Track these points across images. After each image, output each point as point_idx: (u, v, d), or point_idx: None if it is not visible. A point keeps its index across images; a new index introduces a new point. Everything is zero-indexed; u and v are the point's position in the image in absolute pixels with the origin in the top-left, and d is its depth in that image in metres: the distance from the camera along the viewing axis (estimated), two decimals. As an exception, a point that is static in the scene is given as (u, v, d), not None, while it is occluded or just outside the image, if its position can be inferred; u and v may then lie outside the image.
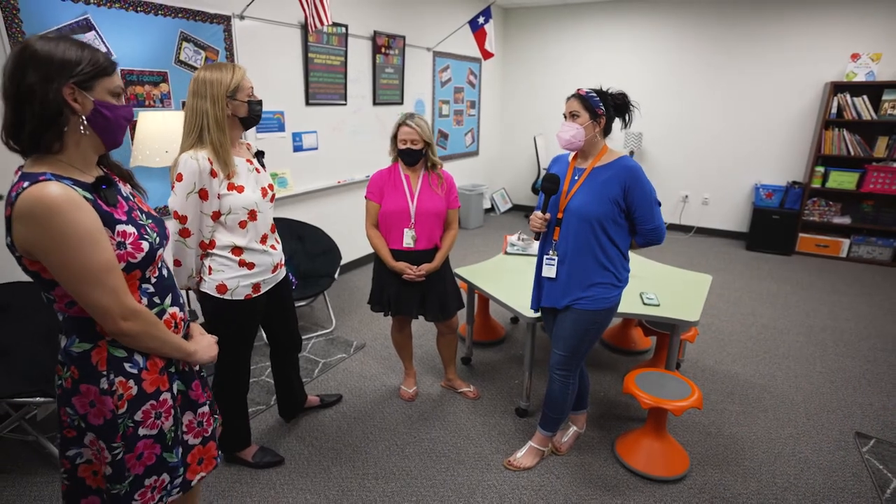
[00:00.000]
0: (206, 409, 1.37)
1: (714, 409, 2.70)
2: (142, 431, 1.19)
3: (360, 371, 3.03)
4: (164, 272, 1.27)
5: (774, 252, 5.50)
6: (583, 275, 1.98)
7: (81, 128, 1.06)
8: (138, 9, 2.73)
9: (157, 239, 1.20)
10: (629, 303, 2.48)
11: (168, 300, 1.25)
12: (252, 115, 1.82)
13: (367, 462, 2.28)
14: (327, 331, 3.51)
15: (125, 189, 1.22)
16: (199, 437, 1.35)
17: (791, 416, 2.64)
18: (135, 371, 1.17)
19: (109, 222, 1.09)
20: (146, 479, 1.21)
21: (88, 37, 2.56)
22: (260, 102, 1.85)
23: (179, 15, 2.93)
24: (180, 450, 1.29)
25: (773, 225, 5.44)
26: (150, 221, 1.22)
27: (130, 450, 1.18)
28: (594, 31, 6.26)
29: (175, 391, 1.27)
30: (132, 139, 2.65)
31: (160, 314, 1.22)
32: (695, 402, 2.12)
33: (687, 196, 6.20)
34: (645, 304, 2.51)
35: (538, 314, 2.31)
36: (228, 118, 1.76)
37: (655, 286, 2.75)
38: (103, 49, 2.59)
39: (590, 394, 2.47)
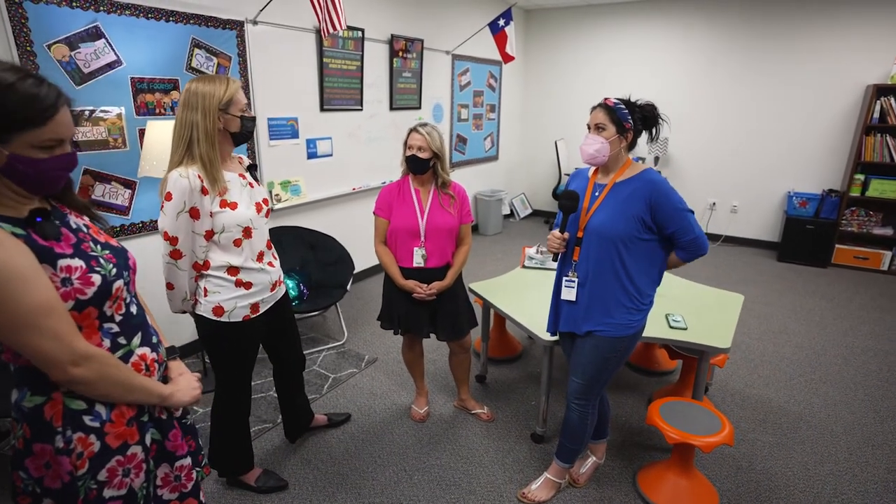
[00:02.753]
0: (186, 461, 1.23)
1: (745, 439, 2.52)
2: (107, 493, 1.05)
3: (370, 388, 2.93)
4: (133, 309, 1.14)
5: (808, 263, 5.23)
6: (605, 298, 1.83)
7: None
8: (149, 15, 2.68)
9: (114, 270, 1.06)
10: (654, 325, 2.32)
11: (136, 340, 1.12)
12: (244, 131, 1.73)
13: (373, 489, 2.17)
14: (338, 343, 3.42)
15: (77, 221, 1.08)
16: (175, 491, 1.22)
17: (831, 451, 2.45)
18: (96, 424, 1.03)
19: (49, 257, 0.96)
20: None
21: (98, 45, 2.51)
22: (253, 119, 1.76)
23: (191, 21, 2.87)
24: None
25: (808, 235, 5.18)
26: (107, 252, 1.08)
27: None
28: (618, 32, 6.07)
29: (148, 442, 1.14)
30: (140, 147, 2.61)
31: (126, 356, 1.09)
32: (725, 438, 1.96)
33: (714, 203, 5.96)
34: (671, 327, 2.35)
35: (555, 337, 2.17)
36: (219, 132, 1.67)
37: (682, 307, 2.59)
38: (111, 56, 2.56)
39: (610, 422, 2.33)
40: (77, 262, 1.00)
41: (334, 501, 2.10)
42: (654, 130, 1.84)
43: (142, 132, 2.68)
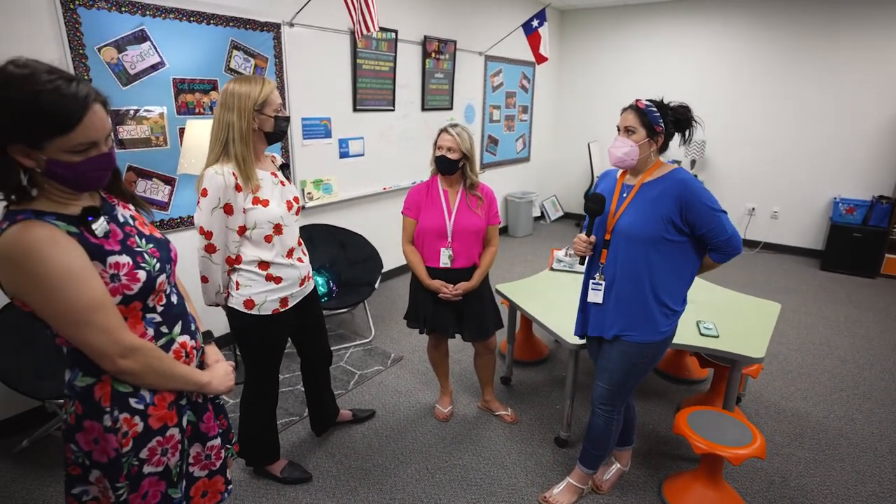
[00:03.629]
0: (216, 441, 1.29)
1: (779, 453, 2.42)
2: (147, 469, 1.13)
3: (395, 385, 2.96)
4: (174, 299, 1.19)
5: (855, 273, 4.99)
6: (632, 301, 1.80)
7: (34, 192, 0.98)
8: (191, 18, 2.79)
9: (158, 265, 1.12)
10: (684, 332, 2.27)
11: (177, 329, 1.18)
12: (278, 131, 1.78)
13: (395, 486, 2.19)
14: (366, 340, 3.47)
15: (125, 212, 1.14)
16: (205, 469, 1.29)
17: (874, 470, 2.33)
18: (141, 406, 1.10)
19: (99, 255, 1.01)
20: None
21: (144, 47, 2.63)
22: (287, 119, 1.81)
23: (231, 24, 2.97)
24: (184, 483, 1.23)
25: (854, 243, 4.94)
26: (151, 246, 1.13)
27: (135, 489, 1.12)
28: (656, 32, 5.94)
29: (185, 424, 1.20)
30: (180, 145, 2.71)
31: (168, 344, 1.15)
32: (756, 450, 1.89)
33: (753, 209, 5.76)
34: (702, 334, 2.28)
35: (582, 341, 2.14)
36: (254, 132, 1.73)
37: (714, 314, 2.51)
38: (156, 58, 2.67)
39: (636, 429, 2.28)
40: (125, 259, 1.05)
41: (356, 495, 2.14)
42: (686, 133, 1.79)
43: (182, 131, 2.78)
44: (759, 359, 2.13)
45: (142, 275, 1.07)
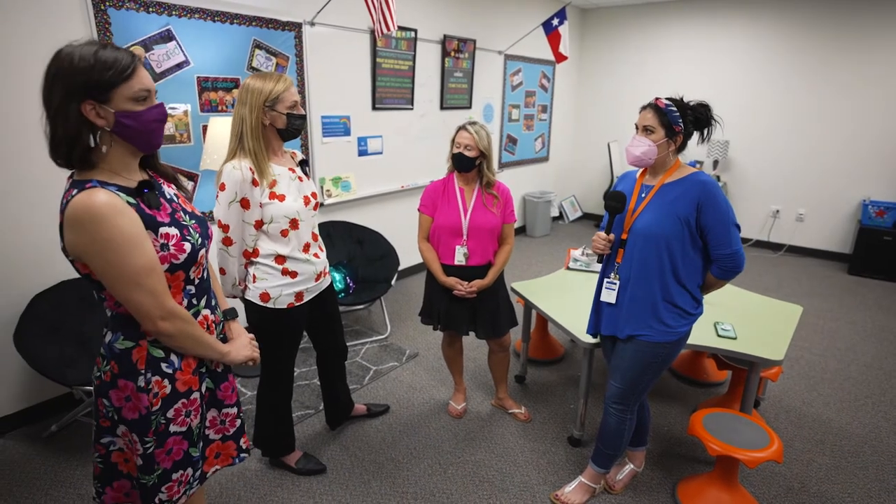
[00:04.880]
0: (232, 409, 1.40)
1: (799, 459, 2.38)
2: (172, 428, 1.23)
3: (410, 381, 2.99)
4: (205, 274, 1.30)
5: (884, 278, 4.85)
6: (647, 301, 1.79)
7: (104, 149, 1.09)
8: (215, 18, 2.85)
9: (200, 239, 1.23)
10: (701, 333, 2.24)
11: (203, 302, 1.29)
12: (290, 129, 1.80)
13: (407, 480, 2.21)
14: (381, 337, 3.50)
15: (169, 190, 1.25)
16: (220, 433, 1.40)
17: (896, 478, 2.27)
18: (170, 371, 1.21)
19: (152, 225, 1.12)
20: (174, 474, 1.26)
21: (170, 46, 2.70)
22: (302, 117, 1.83)
23: (253, 23, 3.03)
24: (201, 444, 1.34)
25: (884, 247, 4.80)
26: (193, 222, 1.24)
27: (161, 445, 1.22)
28: (678, 30, 5.85)
29: (203, 390, 1.31)
30: (203, 142, 2.78)
31: (195, 315, 1.25)
32: (773, 454, 1.86)
33: (778, 211, 5.63)
34: (720, 335, 2.25)
35: (596, 340, 2.14)
36: (265, 128, 1.76)
37: (733, 315, 2.47)
38: (181, 57, 2.74)
39: (651, 430, 2.26)
40: (173, 231, 1.16)
41: (369, 488, 2.16)
42: (705, 131, 1.77)
43: (205, 128, 2.85)
44: (779, 361, 2.09)
45: (187, 246, 1.18)
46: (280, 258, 1.84)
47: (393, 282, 3.47)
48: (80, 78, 1.01)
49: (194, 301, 1.25)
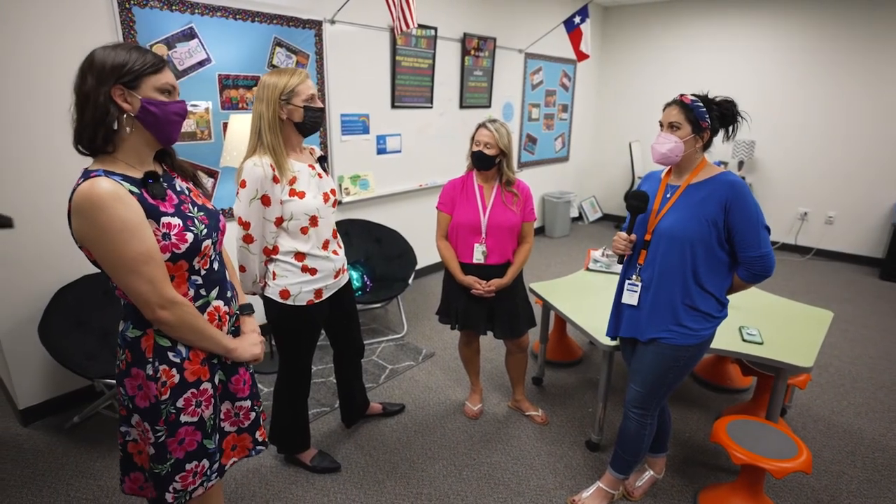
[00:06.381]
0: (246, 402, 1.41)
1: (828, 470, 2.29)
2: (183, 418, 1.24)
3: (425, 381, 2.97)
4: (216, 266, 1.30)
5: (918, 284, 4.67)
6: (670, 304, 1.74)
7: (131, 124, 1.12)
8: (237, 16, 2.87)
9: (205, 231, 1.23)
10: (725, 338, 2.17)
11: (214, 293, 1.29)
12: (308, 122, 1.78)
13: (422, 481, 2.19)
14: (398, 336, 3.49)
15: (182, 184, 1.28)
16: (234, 425, 1.41)
17: (933, 493, 2.17)
18: (177, 360, 1.22)
19: (154, 214, 1.14)
20: (187, 464, 1.27)
21: (192, 44, 2.73)
22: (321, 110, 1.82)
23: (274, 21, 3.04)
24: (217, 436, 1.35)
25: (919, 252, 4.62)
26: (202, 213, 1.25)
27: (172, 434, 1.24)
28: (703, 28, 5.72)
29: (216, 381, 1.32)
30: (224, 139, 2.80)
31: (204, 306, 1.26)
32: (802, 464, 1.79)
33: (806, 213, 5.47)
34: (745, 340, 2.18)
35: (615, 342, 2.09)
36: (282, 122, 1.75)
37: (759, 320, 2.40)
38: (203, 55, 2.77)
39: (672, 436, 2.20)
40: (176, 221, 1.17)
41: (383, 487, 2.15)
42: (731, 128, 1.71)
43: (225, 125, 2.87)
44: (808, 368, 2.01)
45: (189, 236, 1.19)
46: (300, 255, 1.84)
47: (410, 280, 3.45)
48: (113, 64, 1.08)
49: (202, 292, 1.25)
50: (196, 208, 1.25)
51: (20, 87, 2.25)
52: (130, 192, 1.10)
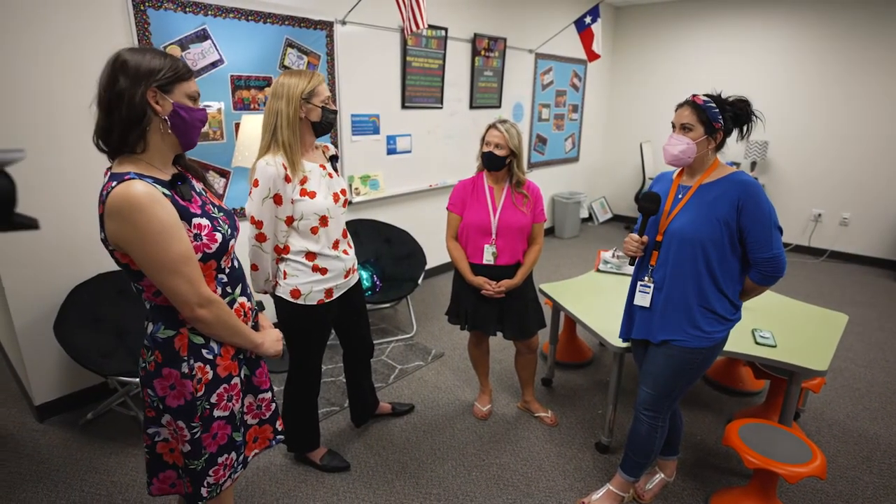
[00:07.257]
0: (267, 395, 1.46)
1: (843, 476, 2.26)
2: (217, 413, 1.28)
3: (435, 381, 2.97)
4: (236, 263, 1.33)
5: (935, 287, 4.59)
6: (682, 305, 1.73)
7: (161, 127, 1.15)
8: (249, 18, 2.90)
9: (229, 231, 1.27)
10: (738, 340, 2.15)
11: (238, 290, 1.32)
12: (324, 122, 1.82)
13: (431, 481, 2.19)
14: (407, 336, 3.49)
15: (198, 185, 1.30)
16: (256, 418, 1.45)
17: (950, 500, 2.13)
18: (211, 357, 1.25)
19: (186, 216, 1.16)
20: (219, 458, 1.31)
21: (205, 45, 2.75)
22: (335, 112, 1.85)
23: (286, 22, 3.06)
24: (243, 429, 1.39)
25: (936, 254, 4.54)
26: (222, 214, 1.28)
27: (207, 430, 1.27)
28: (715, 28, 5.67)
29: (242, 376, 1.36)
30: (236, 139, 2.82)
31: (231, 303, 1.29)
32: (816, 469, 1.77)
33: (820, 215, 5.39)
34: (758, 342, 2.16)
35: (626, 344, 2.08)
36: (301, 120, 1.77)
37: (772, 322, 2.37)
38: (216, 56, 2.80)
39: (682, 439, 2.18)
40: (205, 221, 1.20)
41: (392, 487, 2.15)
42: (745, 129, 1.70)
43: (237, 126, 2.89)
44: (822, 372, 1.99)
45: (218, 236, 1.22)
46: (310, 255, 1.85)
47: (420, 281, 3.46)
48: (149, 67, 1.11)
49: (228, 289, 1.29)
50: (216, 209, 1.28)
51: (41, 90, 2.28)
52: (163, 194, 1.13)
